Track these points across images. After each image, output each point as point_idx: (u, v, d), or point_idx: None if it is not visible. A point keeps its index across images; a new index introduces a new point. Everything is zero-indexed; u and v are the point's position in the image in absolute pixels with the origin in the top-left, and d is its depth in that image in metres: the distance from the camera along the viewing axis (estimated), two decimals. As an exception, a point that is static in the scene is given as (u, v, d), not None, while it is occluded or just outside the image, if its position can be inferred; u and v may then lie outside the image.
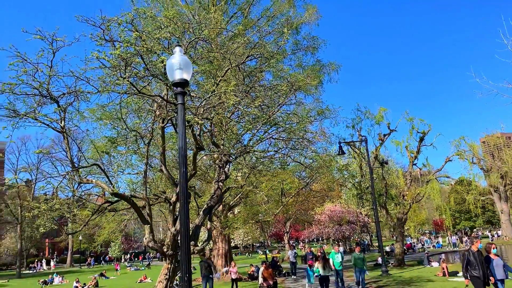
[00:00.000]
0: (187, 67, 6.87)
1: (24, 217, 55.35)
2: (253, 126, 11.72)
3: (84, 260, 71.77)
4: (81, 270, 58.41)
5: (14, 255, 68.94)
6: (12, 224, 67.08)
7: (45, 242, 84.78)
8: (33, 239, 67.54)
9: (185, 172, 6.51)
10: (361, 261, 18.04)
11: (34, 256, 77.76)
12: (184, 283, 6.09)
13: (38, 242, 76.76)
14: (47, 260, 72.70)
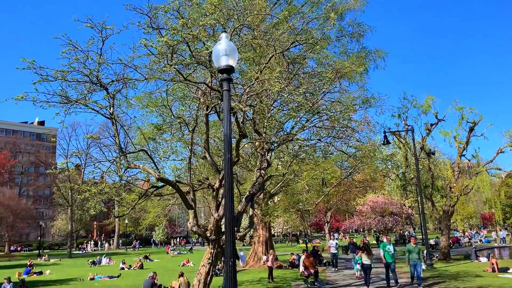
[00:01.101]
0: (233, 54, 6.86)
1: (74, 200, 58.07)
2: (297, 114, 11.61)
3: (130, 242, 74.57)
4: (127, 252, 60.79)
5: (65, 236, 72.82)
6: (63, 206, 70.69)
7: (93, 225, 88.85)
8: (82, 221, 70.91)
9: (230, 158, 6.54)
10: (417, 253, 16.57)
11: (83, 238, 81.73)
12: (228, 268, 6.16)
13: (87, 224, 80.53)
14: (95, 242, 76.19)
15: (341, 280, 19.74)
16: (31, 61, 10.98)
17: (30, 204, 76.13)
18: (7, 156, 70.78)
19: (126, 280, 23.90)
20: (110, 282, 23.02)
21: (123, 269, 31.19)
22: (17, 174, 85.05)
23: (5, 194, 62.72)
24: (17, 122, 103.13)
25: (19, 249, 71.16)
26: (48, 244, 76.26)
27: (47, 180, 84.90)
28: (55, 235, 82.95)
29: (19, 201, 65.72)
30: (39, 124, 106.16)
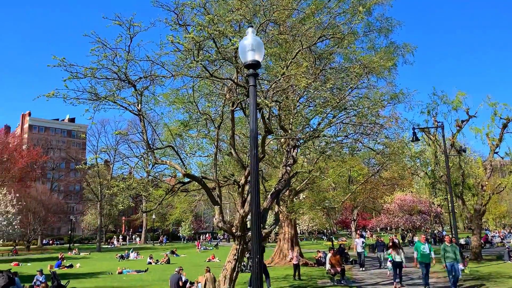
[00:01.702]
0: (259, 49, 6.80)
1: (103, 195, 59.43)
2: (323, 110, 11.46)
3: (157, 237, 75.80)
4: (154, 247, 61.81)
5: (94, 230, 74.67)
6: (93, 201, 72.52)
7: (121, 220, 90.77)
8: (111, 216, 72.45)
9: (256, 154, 6.50)
10: (453, 253, 15.09)
11: (112, 232, 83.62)
12: (255, 264, 6.13)
13: (116, 219, 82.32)
14: (124, 236, 77.83)
15: (368, 278, 19.45)
16: (62, 58, 11.21)
17: (61, 199, 78.42)
18: (40, 152, 72.90)
19: (153, 274, 24.28)
20: (138, 276, 23.43)
21: (151, 263, 31.70)
22: (49, 169, 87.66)
23: (37, 189, 64.84)
24: (49, 119, 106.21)
25: (51, 242, 73.42)
26: (79, 238, 78.37)
27: (77, 175, 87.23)
28: (85, 229, 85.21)
29: (51, 196, 67.79)
30: (70, 121, 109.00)
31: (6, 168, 58.78)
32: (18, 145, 70.02)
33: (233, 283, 13.05)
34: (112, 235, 77.28)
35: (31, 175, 69.84)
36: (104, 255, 45.73)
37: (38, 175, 77.62)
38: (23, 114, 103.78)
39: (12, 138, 71.04)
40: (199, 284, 16.07)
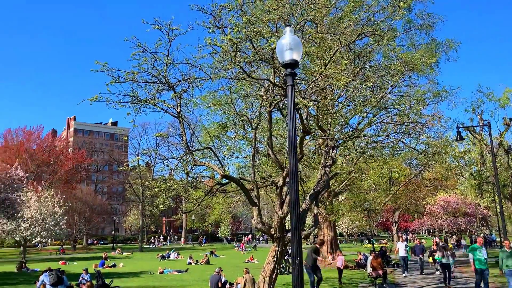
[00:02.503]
0: (297, 48, 6.71)
1: (145, 196, 60.92)
2: (363, 109, 11.19)
3: (196, 238, 76.91)
4: (194, 247, 62.74)
5: (136, 231, 76.74)
6: (135, 202, 74.61)
7: (162, 220, 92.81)
8: (152, 216, 74.21)
9: (295, 154, 6.41)
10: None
11: (153, 233, 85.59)
12: (295, 266, 6.04)
13: (157, 219, 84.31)
14: (164, 237, 79.49)
15: (411, 282, 18.85)
16: (104, 63, 11.56)
17: (105, 200, 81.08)
18: (84, 155, 75.87)
19: (193, 274, 24.60)
20: (178, 276, 23.81)
21: (190, 263, 32.17)
22: (93, 172, 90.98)
23: (82, 191, 67.38)
24: (92, 123, 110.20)
25: (96, 242, 76.06)
26: (121, 238, 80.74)
27: (120, 177, 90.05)
28: (128, 229, 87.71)
29: (95, 197, 70.24)
30: (113, 124, 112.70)
31: (53, 171, 61.56)
32: (64, 148, 73.14)
33: (272, 285, 12.97)
34: (153, 236, 79.11)
35: (77, 177, 72.77)
36: (146, 255, 46.84)
37: (83, 177, 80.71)
38: (69, 119, 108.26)
39: (59, 142, 74.22)
40: (239, 285, 16.12)
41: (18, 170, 21.99)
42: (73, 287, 17.09)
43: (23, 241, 37.43)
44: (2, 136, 62.50)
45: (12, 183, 20.69)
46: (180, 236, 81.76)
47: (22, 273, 26.71)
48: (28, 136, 61.73)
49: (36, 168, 57.07)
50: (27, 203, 33.05)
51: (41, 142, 63.25)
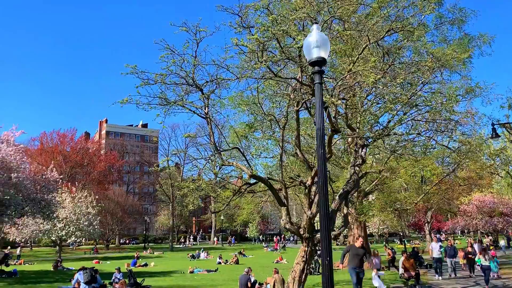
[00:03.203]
0: (325, 45, 6.62)
1: (175, 197, 61.79)
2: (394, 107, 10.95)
3: (226, 238, 77.41)
4: (223, 247, 63.14)
5: (167, 231, 77.94)
6: (165, 202, 75.79)
7: (192, 220, 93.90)
8: (182, 216, 75.16)
9: (324, 153, 6.32)
10: None
11: (183, 232, 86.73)
12: (324, 267, 5.96)
13: (187, 219, 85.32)
14: (194, 237, 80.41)
15: (445, 284, 18.33)
16: (134, 66, 11.78)
17: (136, 200, 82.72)
18: (116, 157, 77.67)
19: (223, 274, 24.74)
20: (208, 276, 24.00)
21: (220, 263, 32.38)
22: (125, 173, 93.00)
23: (115, 192, 69.02)
24: (123, 125, 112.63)
25: (127, 242, 77.67)
26: (153, 237, 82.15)
27: (150, 178, 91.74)
28: (158, 229, 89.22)
29: (127, 198, 71.80)
30: (143, 126, 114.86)
31: (86, 172, 63.27)
32: (96, 150, 75.07)
33: (302, 285, 12.88)
34: (183, 235, 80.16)
35: (109, 178, 74.54)
36: (176, 255, 47.47)
37: (115, 178, 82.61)
38: (101, 121, 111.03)
39: (91, 144, 76.27)
40: (268, 285, 16.09)
41: (53, 172, 22.71)
42: (106, 285, 17.48)
43: (59, 241, 38.65)
44: (38, 139, 64.75)
45: (48, 185, 21.37)
46: (209, 236, 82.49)
47: (58, 272, 27.57)
48: (62, 138, 63.67)
49: (70, 170, 58.78)
50: (62, 204, 34.08)
51: (74, 145, 65.11)
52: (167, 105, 12.66)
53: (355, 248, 14.13)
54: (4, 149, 18.08)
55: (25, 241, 42.26)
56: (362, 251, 14.03)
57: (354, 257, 13.78)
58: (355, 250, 14.05)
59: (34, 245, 61.35)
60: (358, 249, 14.03)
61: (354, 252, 13.91)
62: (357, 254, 13.83)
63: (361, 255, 13.85)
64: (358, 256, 13.77)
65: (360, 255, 13.83)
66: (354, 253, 13.86)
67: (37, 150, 61.56)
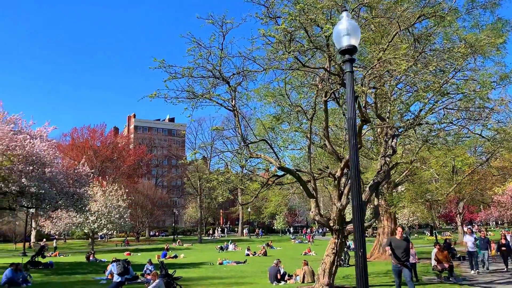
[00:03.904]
0: (355, 33, 6.46)
1: (202, 189, 62.46)
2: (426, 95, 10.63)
3: (253, 230, 77.87)
4: (251, 239, 63.52)
5: (195, 223, 79.01)
6: (193, 195, 76.70)
7: (220, 212, 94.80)
8: (210, 209, 75.97)
9: (356, 144, 6.20)
10: None
11: (211, 225, 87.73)
12: (358, 258, 5.86)
13: (214, 212, 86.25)
14: (222, 229, 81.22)
15: (480, 276, 17.84)
16: (161, 60, 11.86)
17: (165, 193, 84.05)
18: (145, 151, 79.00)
19: (251, 266, 24.87)
20: (237, 267, 24.17)
21: (248, 255, 32.55)
22: (153, 166, 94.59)
23: (144, 185, 70.29)
24: (151, 119, 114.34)
25: (157, 234, 79.16)
26: (181, 230, 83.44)
27: (178, 171, 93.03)
28: (187, 221, 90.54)
29: (156, 191, 73.03)
30: (170, 120, 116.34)
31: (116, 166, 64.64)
32: (125, 145, 76.58)
33: (332, 277, 12.81)
34: (212, 227, 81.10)
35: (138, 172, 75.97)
36: (205, 246, 48.04)
37: (144, 172, 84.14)
38: (129, 116, 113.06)
39: (121, 139, 77.84)
40: (297, 277, 16.08)
41: (85, 166, 23.27)
42: (138, 277, 17.85)
43: (91, 233, 39.72)
44: (69, 135, 66.51)
45: (80, 179, 21.90)
46: (236, 228, 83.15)
47: (91, 263, 28.34)
48: (92, 134, 65.19)
49: (101, 164, 60.19)
50: (94, 197, 34.94)
51: (104, 139, 66.57)
52: (194, 98, 12.72)
53: (396, 240, 11.85)
54: (38, 145, 18.57)
55: (59, 233, 43.64)
56: (405, 244, 11.79)
57: (396, 251, 11.59)
58: (397, 242, 11.77)
59: (68, 238, 63.30)
60: (400, 242, 11.79)
61: (395, 245, 11.67)
62: (398, 247, 11.61)
63: (404, 248, 11.63)
64: (400, 250, 11.56)
65: (402, 248, 11.60)
66: (395, 246, 11.65)
67: (68, 145, 63.24)
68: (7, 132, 17.16)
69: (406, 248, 11.67)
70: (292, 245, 48.70)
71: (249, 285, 15.23)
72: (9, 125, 17.94)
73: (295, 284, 15.27)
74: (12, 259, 25.97)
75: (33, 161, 18.05)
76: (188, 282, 16.24)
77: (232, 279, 17.72)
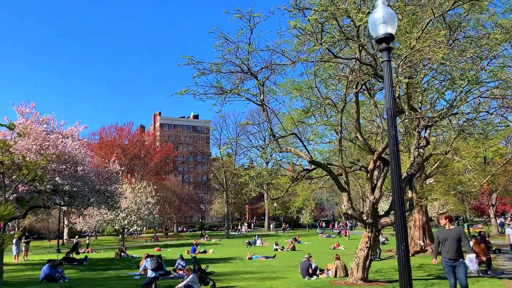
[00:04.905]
0: (392, 21, 6.27)
1: (228, 185, 62.77)
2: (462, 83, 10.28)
3: (280, 225, 77.86)
4: (278, 234, 63.53)
5: (222, 218, 79.55)
6: (219, 191, 77.20)
7: (246, 208, 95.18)
8: (236, 204, 76.32)
9: (395, 134, 6.02)
10: None
11: (237, 220, 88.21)
12: (400, 252, 5.71)
13: (240, 207, 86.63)
14: (248, 224, 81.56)
15: (519, 270, 17.27)
16: (190, 57, 11.89)
17: (191, 189, 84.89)
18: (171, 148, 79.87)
19: (281, 260, 24.84)
20: (267, 262, 24.18)
21: (277, 250, 32.54)
22: (179, 163, 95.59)
23: (171, 181, 71.15)
24: (176, 117, 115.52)
25: (185, 229, 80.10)
26: (208, 225, 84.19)
27: (204, 168, 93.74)
28: (213, 217, 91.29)
29: (183, 187, 73.87)
30: (194, 117, 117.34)
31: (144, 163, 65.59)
32: (152, 142, 77.63)
33: (366, 271, 12.64)
34: (238, 223, 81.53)
35: (165, 168, 76.83)
36: (233, 242, 48.30)
37: (170, 169, 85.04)
38: (155, 114, 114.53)
39: (147, 136, 78.93)
40: (329, 271, 15.94)
41: (115, 164, 23.64)
42: (170, 272, 18.06)
43: (121, 230, 40.46)
44: (98, 134, 67.85)
45: (110, 176, 22.26)
46: (262, 223, 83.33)
47: (122, 259, 28.90)
48: (120, 132, 66.30)
49: (129, 162, 61.16)
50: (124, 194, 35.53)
51: (131, 137, 67.61)
52: (222, 94, 12.73)
53: (444, 232, 9.24)
54: (69, 144, 18.94)
55: (90, 230, 44.62)
56: (455, 234, 9.01)
57: (445, 244, 9.03)
58: (444, 233, 9.17)
59: (99, 234, 64.74)
60: (448, 231, 9.11)
61: (444, 237, 9.12)
62: (447, 238, 9.03)
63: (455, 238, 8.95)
64: (450, 241, 8.95)
65: (452, 239, 8.95)
66: (443, 239, 9.12)
67: (97, 144, 64.52)
68: (41, 132, 17.58)
69: (457, 239, 8.96)
70: (320, 240, 48.44)
71: (281, 279, 15.17)
72: (42, 125, 18.35)
73: (328, 278, 15.12)
74: (48, 256, 26.75)
75: (66, 160, 18.44)
76: (220, 277, 16.32)
77: (263, 274, 17.71)
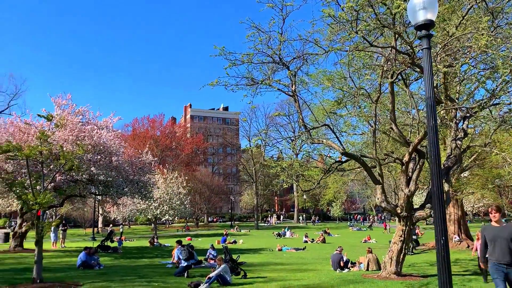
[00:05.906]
0: (432, 6, 6.02)
1: (258, 177, 62.93)
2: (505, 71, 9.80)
3: (309, 217, 77.62)
4: (307, 226, 63.34)
5: (251, 209, 79.95)
6: (248, 182, 77.57)
7: (275, 199, 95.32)
8: (265, 196, 76.47)
9: (435, 125, 5.81)
10: None
11: (266, 211, 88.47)
12: (440, 247, 5.52)
13: (269, 199, 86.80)
14: (278, 216, 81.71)
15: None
16: (222, 47, 11.86)
17: (221, 181, 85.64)
18: (201, 139, 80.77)
19: (311, 252, 24.74)
20: (297, 254, 24.13)
21: (306, 242, 32.43)
22: (209, 155, 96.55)
23: (201, 173, 71.98)
24: (206, 109, 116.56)
25: (215, 220, 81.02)
26: (238, 216, 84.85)
27: (233, 159, 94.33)
28: (243, 208, 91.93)
29: (213, 178, 74.59)
30: (224, 109, 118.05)
31: (175, 155, 66.62)
32: (183, 133, 78.64)
33: (400, 265, 12.39)
34: (267, 214, 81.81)
35: (196, 160, 77.85)
36: (262, 233, 48.49)
37: (201, 160, 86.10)
38: (185, 106, 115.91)
39: (178, 128, 79.96)
40: (361, 265, 15.74)
41: (148, 155, 24.05)
42: (201, 261, 18.29)
43: (154, 219, 41.32)
44: (131, 125, 69.30)
45: (144, 167, 22.65)
46: (291, 215, 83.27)
47: (154, 248, 29.51)
48: (152, 124, 67.51)
49: (161, 153, 62.23)
50: (156, 184, 36.20)
51: (163, 129, 68.72)
52: (253, 84, 12.65)
53: (492, 229, 7.17)
54: (104, 135, 19.33)
55: (124, 219, 45.80)
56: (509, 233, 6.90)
57: (495, 244, 7.01)
58: (493, 232, 7.11)
59: (132, 223, 66.36)
60: (498, 229, 7.06)
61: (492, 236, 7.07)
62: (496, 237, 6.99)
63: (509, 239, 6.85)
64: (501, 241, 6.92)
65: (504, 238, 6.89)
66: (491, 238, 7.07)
67: (130, 135, 65.93)
68: (77, 123, 18.00)
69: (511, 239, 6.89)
70: (350, 233, 47.96)
71: (312, 271, 15.09)
72: (78, 116, 18.80)
73: (359, 271, 14.93)
74: (84, 243, 27.62)
75: (101, 150, 18.85)
76: (250, 267, 16.39)
77: (293, 266, 17.68)
